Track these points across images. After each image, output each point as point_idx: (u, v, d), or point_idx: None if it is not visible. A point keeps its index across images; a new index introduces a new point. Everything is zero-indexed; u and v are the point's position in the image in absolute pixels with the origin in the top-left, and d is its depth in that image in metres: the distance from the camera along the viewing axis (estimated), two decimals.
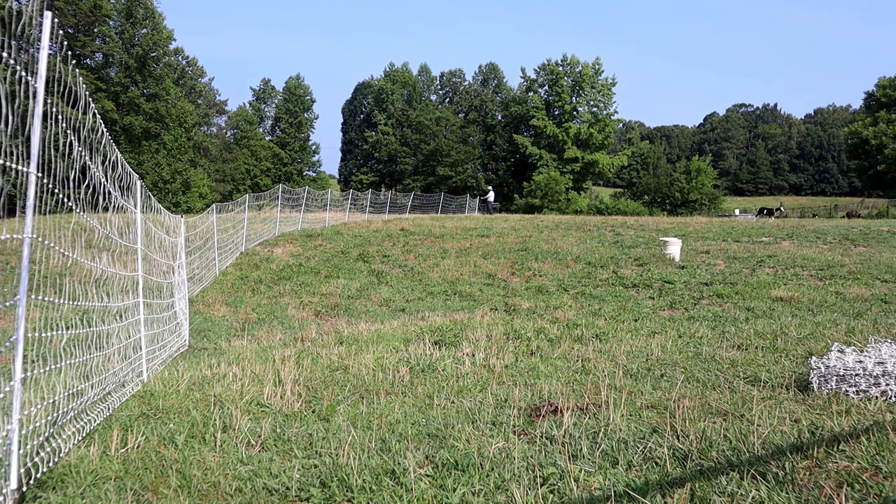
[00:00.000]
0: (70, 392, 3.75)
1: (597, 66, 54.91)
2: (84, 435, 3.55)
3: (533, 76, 58.81)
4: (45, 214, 3.15)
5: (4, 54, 2.55)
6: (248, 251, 16.30)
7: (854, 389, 3.79)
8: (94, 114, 3.80)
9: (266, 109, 64.87)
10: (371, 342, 6.33)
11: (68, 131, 3.38)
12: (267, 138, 61.86)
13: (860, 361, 3.97)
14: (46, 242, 3.12)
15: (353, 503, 2.74)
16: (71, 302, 3.72)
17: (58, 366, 3.58)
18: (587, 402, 3.96)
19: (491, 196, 37.26)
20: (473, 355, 5.46)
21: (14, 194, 2.93)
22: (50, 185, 3.09)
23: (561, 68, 55.90)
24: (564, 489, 2.73)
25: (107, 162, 4.36)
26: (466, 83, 67.65)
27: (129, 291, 5.35)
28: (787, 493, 2.55)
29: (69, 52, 3.21)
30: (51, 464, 3.08)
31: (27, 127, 2.82)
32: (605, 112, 55.08)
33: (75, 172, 3.51)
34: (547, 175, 48.99)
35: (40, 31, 2.94)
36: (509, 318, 7.90)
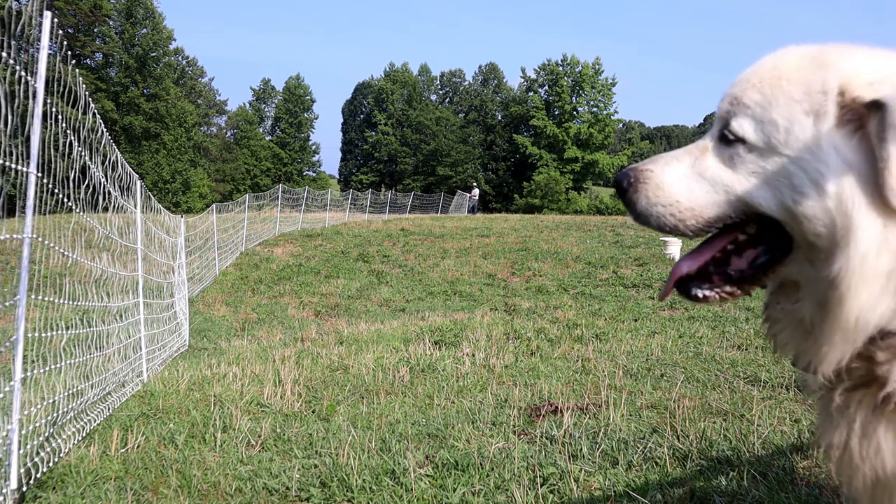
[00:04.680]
0: (70, 392, 3.75)
1: (597, 66, 54.90)
2: (84, 435, 3.55)
3: (533, 76, 58.82)
4: (45, 214, 3.16)
5: (4, 54, 2.55)
6: (248, 251, 16.30)
7: None
8: (94, 114, 3.80)
9: (266, 109, 64.82)
10: (371, 342, 6.33)
11: (68, 131, 3.38)
12: (267, 138, 61.81)
13: None
14: (46, 242, 3.12)
15: (353, 503, 2.74)
16: (71, 302, 3.72)
17: (58, 366, 3.58)
18: (587, 402, 3.96)
19: (475, 193, 37.17)
20: (473, 355, 5.45)
21: (14, 194, 2.93)
22: (50, 185, 3.09)
23: (561, 68, 55.88)
24: (564, 489, 2.73)
25: (107, 162, 4.36)
26: (466, 83, 67.61)
27: (129, 291, 5.35)
28: (786, 493, 2.55)
29: (69, 52, 3.21)
30: (51, 464, 3.09)
31: (27, 127, 2.82)
32: (605, 112, 55.04)
33: (75, 172, 3.52)
34: (547, 175, 48.99)
35: (40, 31, 2.94)
36: (509, 318, 7.90)
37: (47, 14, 2.95)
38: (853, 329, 0.97)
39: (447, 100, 67.73)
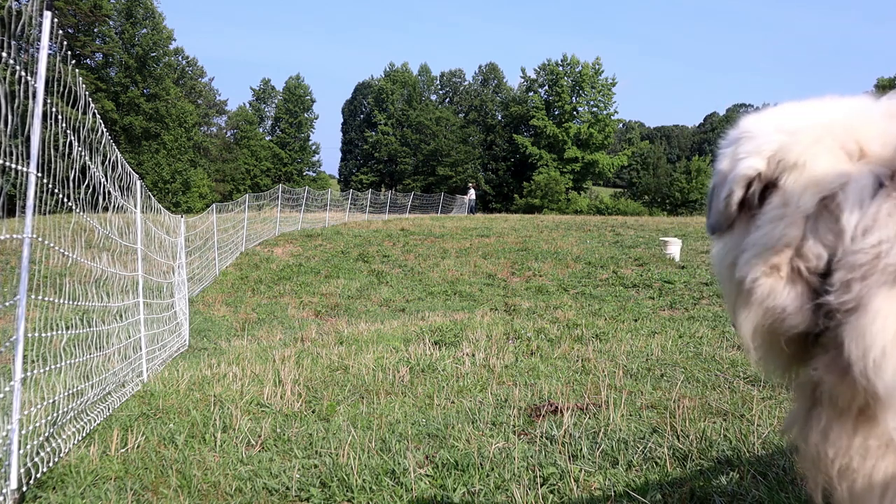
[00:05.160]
0: (70, 392, 3.75)
1: (597, 66, 54.86)
2: (84, 435, 3.56)
3: (533, 76, 58.78)
4: (44, 214, 3.16)
5: (4, 54, 2.55)
6: (248, 251, 16.30)
7: None
8: (94, 114, 3.80)
9: (266, 109, 64.78)
10: (371, 342, 6.33)
11: (68, 131, 3.38)
12: (267, 138, 61.77)
13: None
14: (46, 242, 3.12)
15: (353, 503, 2.74)
16: (71, 302, 3.72)
17: (58, 366, 3.58)
18: (587, 402, 3.96)
19: (472, 194, 37.15)
20: (473, 355, 5.45)
21: (14, 194, 2.93)
22: (50, 185, 3.09)
23: (561, 68, 55.85)
24: (564, 489, 2.73)
25: (107, 162, 4.36)
26: (466, 83, 67.57)
27: (129, 291, 5.35)
28: (786, 493, 2.55)
29: (69, 52, 3.21)
30: (51, 464, 3.09)
31: (27, 127, 2.82)
32: (605, 112, 55.00)
33: (75, 172, 3.52)
34: (547, 175, 48.96)
35: (40, 31, 2.94)
36: (509, 318, 7.90)
37: (47, 14, 2.95)
38: (744, 344, 1.09)
39: (447, 100, 67.70)
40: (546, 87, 57.48)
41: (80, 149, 3.60)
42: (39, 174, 2.94)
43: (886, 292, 0.86)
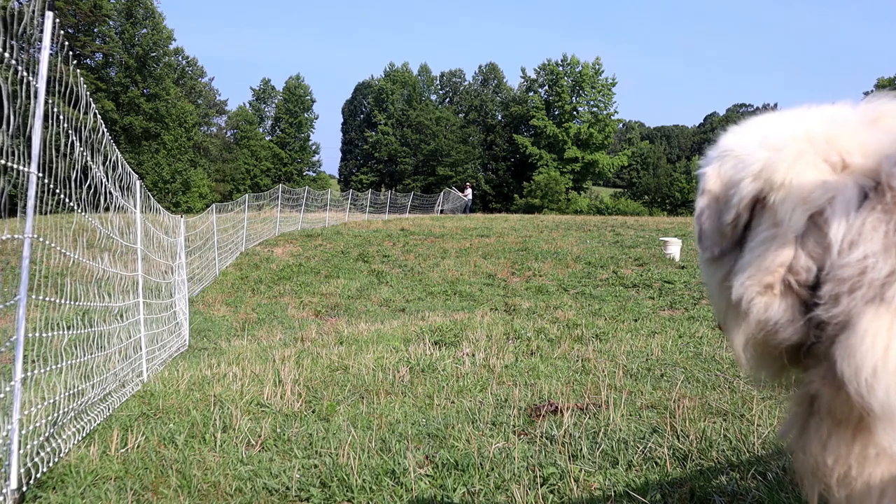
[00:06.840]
0: (70, 392, 3.75)
1: (597, 66, 54.87)
2: (84, 435, 3.56)
3: (533, 76, 58.79)
4: (45, 214, 3.16)
5: (6, 54, 2.56)
6: (248, 251, 16.30)
7: None
8: (95, 114, 3.80)
9: (266, 109, 64.77)
10: (371, 342, 6.33)
11: (70, 131, 3.38)
12: (267, 138, 61.75)
13: None
14: (47, 242, 3.12)
15: (353, 503, 2.75)
16: (71, 302, 3.72)
17: (58, 366, 3.59)
18: (587, 402, 3.97)
19: (469, 194, 37.00)
20: (473, 355, 5.46)
21: (15, 194, 2.94)
22: (51, 185, 3.10)
23: (561, 68, 55.86)
24: (564, 489, 2.74)
25: (107, 162, 4.37)
26: (466, 83, 67.56)
27: (129, 291, 5.36)
28: (786, 493, 2.55)
29: (70, 53, 3.22)
30: (51, 464, 3.09)
31: (28, 127, 2.83)
32: (605, 112, 55.01)
33: (77, 172, 3.52)
34: (547, 175, 48.98)
35: (41, 32, 2.94)
36: (509, 318, 7.90)
37: (48, 14, 2.95)
38: (735, 354, 1.13)
39: (447, 100, 67.67)
40: (546, 87, 57.49)
41: (81, 149, 3.60)
42: (40, 174, 2.94)
43: (874, 309, 0.88)
